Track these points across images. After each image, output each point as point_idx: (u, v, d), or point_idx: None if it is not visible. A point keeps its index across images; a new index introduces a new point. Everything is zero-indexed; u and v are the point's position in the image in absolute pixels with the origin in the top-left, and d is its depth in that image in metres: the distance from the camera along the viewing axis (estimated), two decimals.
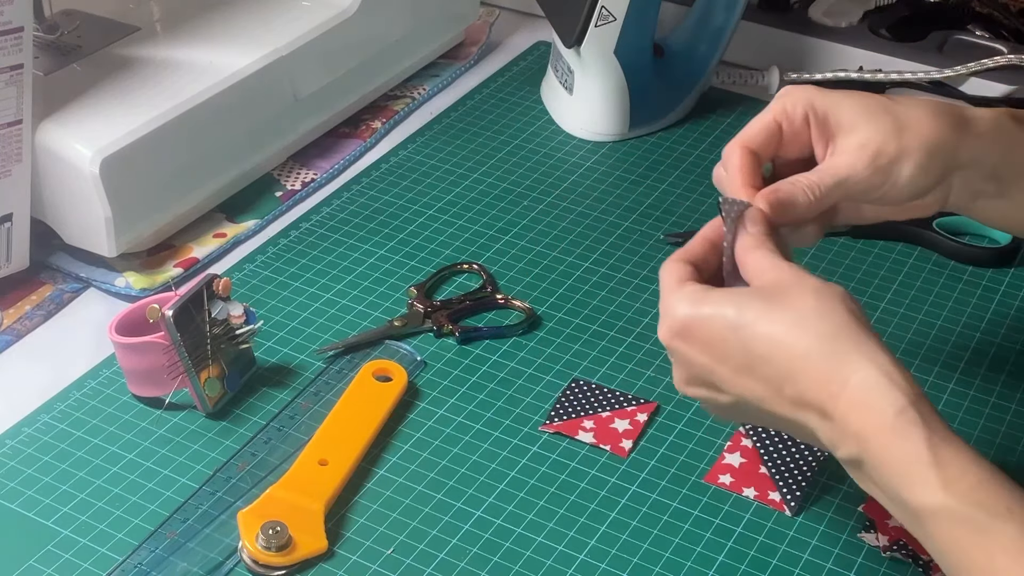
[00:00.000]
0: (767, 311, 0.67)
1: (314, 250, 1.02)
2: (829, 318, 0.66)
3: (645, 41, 1.13)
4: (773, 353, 0.66)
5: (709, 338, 0.68)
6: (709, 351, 0.68)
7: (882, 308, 0.96)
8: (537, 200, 1.08)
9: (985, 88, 1.16)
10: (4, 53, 0.89)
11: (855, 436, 0.64)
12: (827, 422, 0.65)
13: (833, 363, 0.65)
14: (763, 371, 0.67)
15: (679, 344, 0.70)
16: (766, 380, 0.67)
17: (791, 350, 0.66)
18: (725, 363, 0.68)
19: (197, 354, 0.84)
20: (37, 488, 0.81)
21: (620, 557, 0.77)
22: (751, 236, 0.71)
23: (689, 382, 0.71)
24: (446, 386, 0.89)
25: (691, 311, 0.69)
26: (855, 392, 0.64)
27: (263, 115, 1.07)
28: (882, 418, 0.63)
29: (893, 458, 0.63)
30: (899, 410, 0.63)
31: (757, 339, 0.67)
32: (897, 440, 0.63)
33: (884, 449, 0.63)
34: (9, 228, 0.95)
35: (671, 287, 0.71)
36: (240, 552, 0.77)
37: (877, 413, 0.63)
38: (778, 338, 0.66)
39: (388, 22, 1.18)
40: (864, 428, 0.64)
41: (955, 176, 0.75)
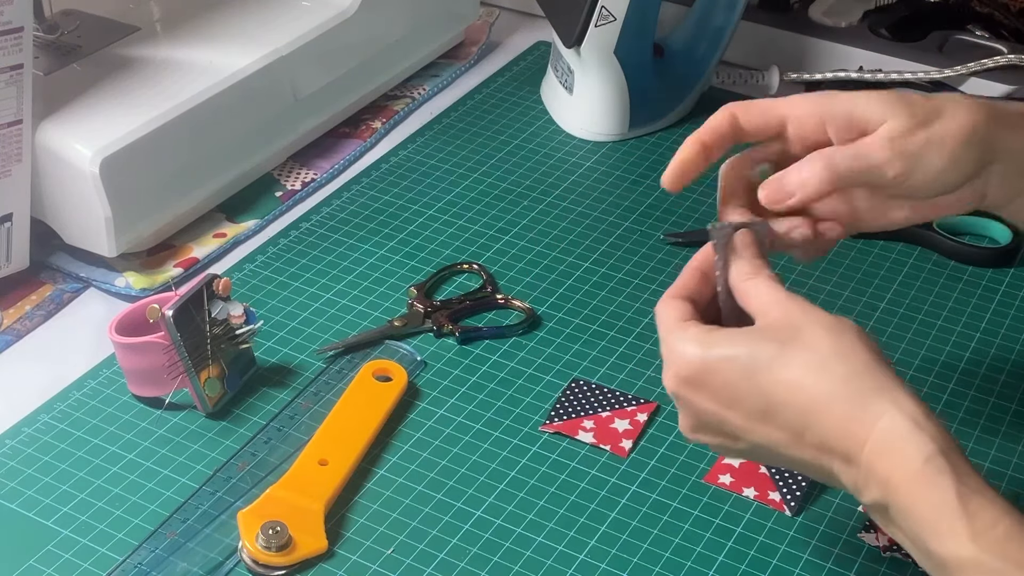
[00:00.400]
0: (782, 354, 0.65)
1: (314, 250, 1.02)
2: (849, 360, 0.64)
3: (645, 41, 1.13)
4: (793, 399, 0.64)
5: (721, 384, 0.66)
6: (721, 398, 0.66)
7: (882, 308, 0.96)
8: (537, 200, 1.08)
9: (985, 88, 1.16)
10: (4, 53, 0.89)
11: (881, 483, 0.62)
12: (851, 468, 0.63)
13: (857, 408, 0.63)
14: (782, 417, 0.65)
15: (688, 392, 0.67)
16: (786, 427, 0.65)
17: (812, 396, 0.64)
18: (740, 410, 0.66)
19: (197, 354, 0.84)
20: (37, 488, 0.81)
21: (620, 557, 0.77)
22: (745, 263, 0.69)
23: (698, 429, 0.69)
24: (446, 386, 0.89)
25: (699, 356, 0.66)
26: (881, 438, 0.62)
27: (263, 115, 1.07)
28: (910, 466, 0.61)
29: (921, 507, 0.61)
30: (927, 458, 0.61)
31: (774, 384, 0.64)
32: (925, 489, 0.61)
33: (911, 498, 0.61)
34: (9, 228, 0.95)
35: (672, 328, 0.68)
36: (240, 552, 0.77)
37: (904, 460, 0.61)
38: (797, 383, 0.64)
39: (388, 22, 1.18)
40: (891, 476, 0.62)
41: (992, 170, 0.72)
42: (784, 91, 1.20)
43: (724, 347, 0.66)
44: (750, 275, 0.69)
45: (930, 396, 0.88)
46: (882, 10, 1.25)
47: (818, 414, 0.64)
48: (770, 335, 0.66)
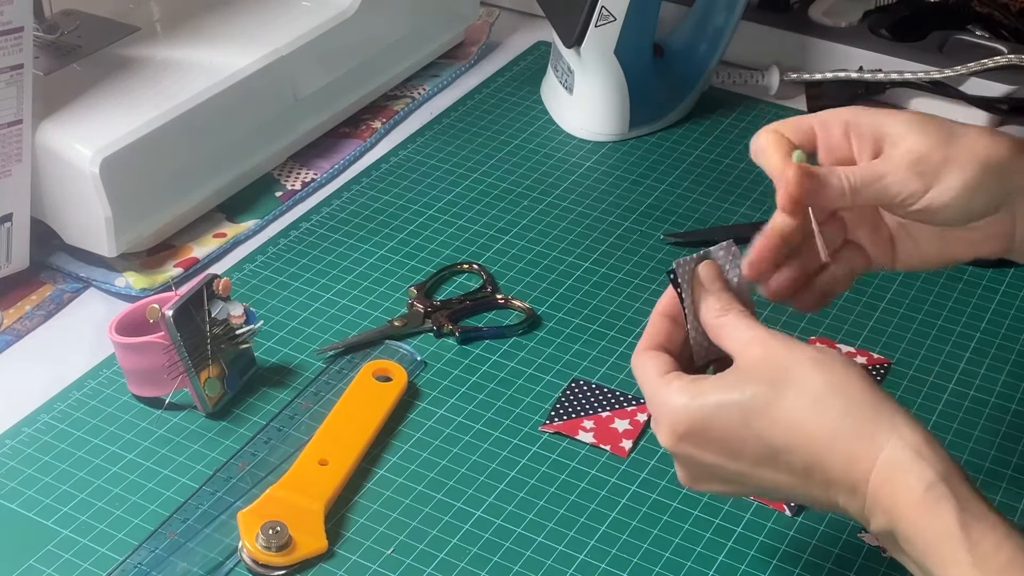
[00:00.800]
0: (776, 396, 0.64)
1: (314, 250, 1.02)
2: (844, 394, 0.64)
3: (645, 41, 1.13)
4: (795, 443, 0.64)
5: (720, 436, 0.65)
6: (721, 449, 0.65)
7: (882, 308, 0.96)
8: (537, 200, 1.08)
9: (985, 88, 1.16)
10: (4, 53, 0.89)
11: (886, 511, 0.62)
12: (857, 498, 0.63)
13: (858, 442, 0.63)
14: (786, 460, 0.64)
15: (686, 447, 0.66)
16: (791, 470, 0.64)
17: (813, 436, 0.63)
18: (742, 458, 0.65)
19: (197, 354, 0.84)
20: (37, 488, 0.81)
21: (620, 557, 0.77)
22: (714, 299, 0.69)
23: (700, 479, 0.68)
24: (446, 386, 0.89)
25: (692, 409, 0.65)
26: (883, 469, 0.62)
27: (263, 115, 1.07)
28: (911, 494, 0.61)
29: (924, 535, 0.61)
30: (928, 486, 0.61)
31: (773, 429, 0.64)
32: (927, 517, 0.61)
33: (914, 526, 0.61)
34: (9, 228, 0.95)
35: (655, 384, 0.67)
36: (240, 552, 0.77)
37: (906, 490, 0.61)
38: (796, 425, 0.64)
39: (388, 22, 1.18)
40: (894, 505, 0.62)
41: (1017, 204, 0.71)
42: (784, 91, 1.21)
43: (715, 396, 0.65)
44: (721, 312, 0.68)
45: (930, 396, 0.88)
46: (882, 10, 1.25)
47: (821, 454, 0.63)
48: (757, 377, 0.65)
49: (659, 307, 0.71)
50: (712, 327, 0.69)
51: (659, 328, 0.71)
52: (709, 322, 0.69)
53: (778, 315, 0.95)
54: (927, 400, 0.88)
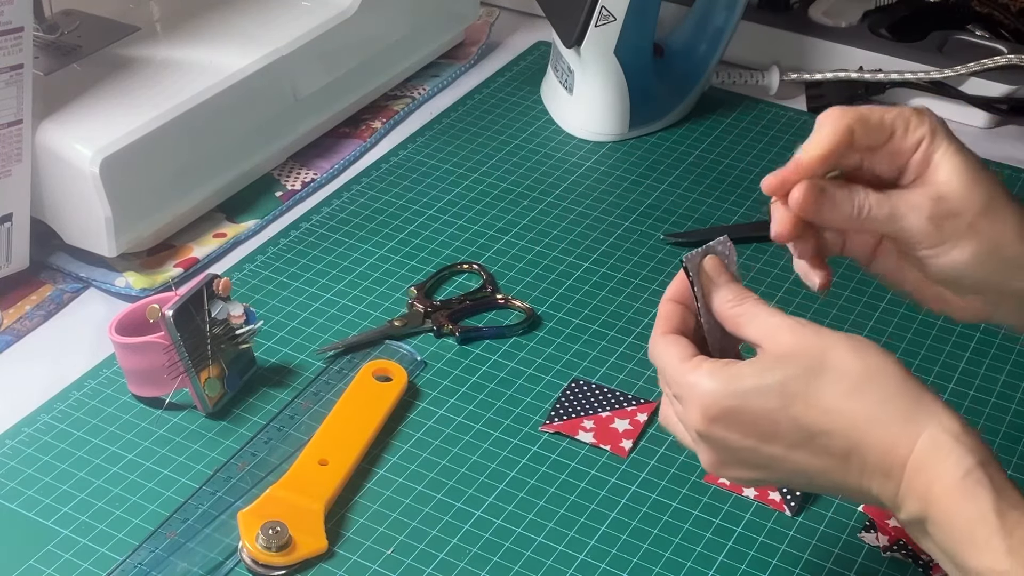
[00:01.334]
0: (815, 381, 0.64)
1: (314, 250, 1.02)
2: (881, 381, 0.64)
3: (645, 41, 1.13)
4: (835, 427, 0.63)
5: (754, 420, 0.64)
6: (755, 432, 0.65)
7: (882, 308, 0.96)
8: (537, 200, 1.08)
9: (985, 88, 1.16)
10: (4, 53, 0.89)
11: (920, 497, 0.62)
12: (890, 483, 0.63)
13: (897, 429, 0.62)
14: (824, 444, 0.64)
15: (719, 429, 0.65)
16: (828, 453, 0.64)
17: (851, 422, 0.63)
18: (776, 442, 0.64)
19: (197, 354, 0.84)
20: (37, 488, 0.81)
21: (620, 557, 0.77)
22: (726, 290, 0.68)
23: (727, 464, 0.67)
24: (446, 386, 0.89)
25: (727, 393, 0.65)
26: (921, 454, 0.62)
27: (263, 115, 1.07)
28: (948, 480, 0.61)
29: (958, 521, 0.61)
30: (967, 471, 0.61)
31: (810, 413, 0.63)
32: (963, 502, 0.61)
33: (949, 511, 0.61)
34: (9, 228, 0.95)
35: (682, 367, 0.66)
36: (240, 552, 0.77)
37: (943, 475, 0.61)
38: (835, 411, 0.63)
39: (388, 22, 1.18)
40: (930, 490, 0.61)
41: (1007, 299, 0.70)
42: (784, 91, 1.21)
43: (751, 380, 0.65)
44: (736, 301, 0.68)
45: None
46: (882, 10, 1.25)
47: (860, 438, 0.63)
48: (793, 362, 0.64)
49: (669, 294, 0.70)
50: (729, 317, 0.68)
51: (672, 313, 0.70)
52: (725, 313, 0.68)
53: None
54: None
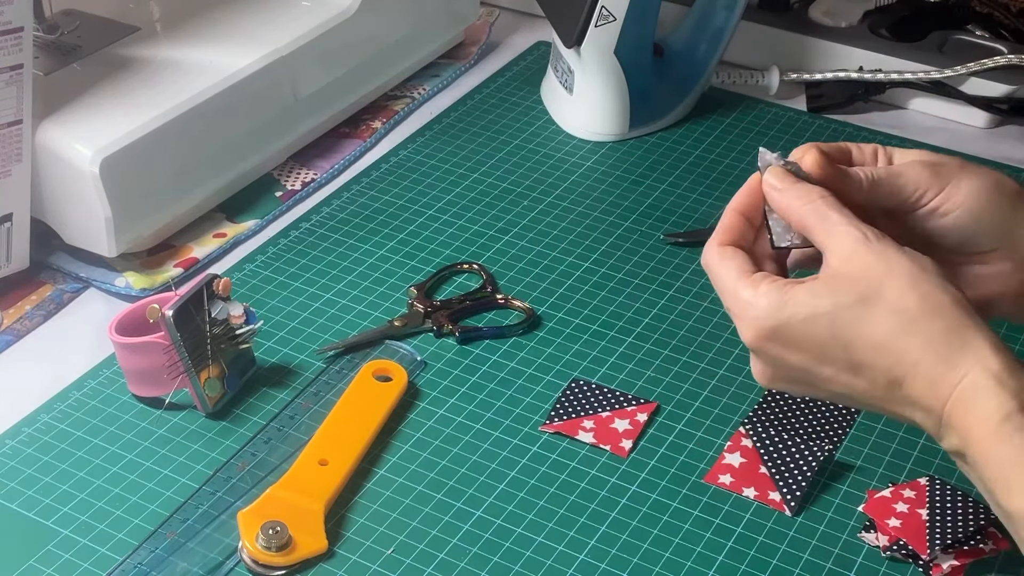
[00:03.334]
0: (866, 315, 0.65)
1: (314, 250, 1.02)
2: (934, 318, 0.64)
3: (645, 41, 1.13)
4: (881, 362, 0.65)
5: (807, 342, 0.66)
6: (807, 353, 0.66)
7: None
8: (537, 200, 1.08)
9: (985, 88, 1.16)
10: (4, 53, 0.89)
11: (961, 435, 0.64)
12: (932, 418, 0.65)
13: (943, 367, 0.64)
14: (870, 374, 0.65)
15: (771, 347, 0.67)
16: (873, 381, 0.65)
17: (900, 358, 0.64)
18: (826, 364, 0.66)
19: (197, 354, 0.84)
20: (37, 488, 0.81)
21: (620, 557, 0.77)
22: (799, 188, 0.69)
23: (778, 379, 0.69)
24: (446, 386, 0.89)
25: (782, 315, 0.66)
26: (962, 394, 0.63)
27: (263, 115, 1.07)
28: (988, 422, 0.62)
29: (994, 462, 0.62)
30: (1005, 415, 0.62)
31: (860, 344, 0.65)
32: (1001, 445, 0.62)
33: (986, 453, 0.62)
34: (9, 228, 0.95)
35: (740, 283, 0.68)
36: (240, 552, 0.77)
37: (983, 417, 0.62)
38: (884, 345, 0.64)
39: (388, 22, 1.18)
40: (969, 430, 0.63)
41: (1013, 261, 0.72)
42: (784, 91, 1.21)
43: (805, 306, 0.66)
44: (808, 200, 0.68)
45: None
46: (882, 10, 1.25)
47: (904, 374, 0.64)
48: (848, 289, 0.65)
49: (734, 203, 0.71)
50: (799, 216, 0.68)
51: (735, 224, 0.71)
52: (797, 210, 0.68)
53: None
54: None
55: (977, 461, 0.63)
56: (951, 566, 0.75)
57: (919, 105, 1.20)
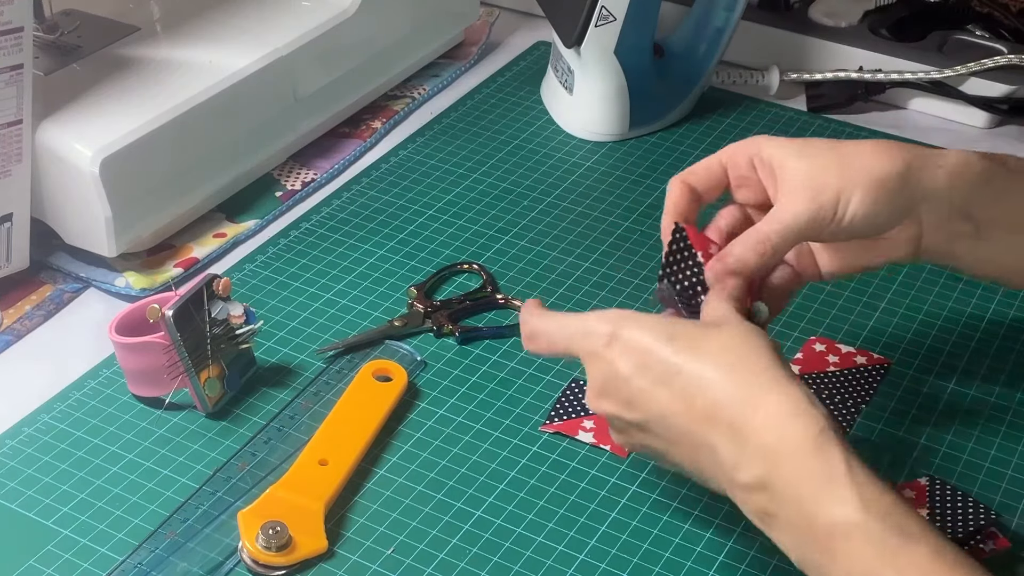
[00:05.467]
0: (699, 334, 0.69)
1: (314, 250, 1.02)
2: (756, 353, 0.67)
3: (645, 41, 1.13)
4: (693, 366, 0.67)
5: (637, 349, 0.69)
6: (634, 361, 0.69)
7: (882, 308, 0.96)
8: (537, 200, 1.08)
9: (985, 88, 1.16)
10: (4, 53, 0.89)
11: (767, 454, 0.64)
12: (735, 439, 0.65)
13: (753, 383, 0.66)
14: (678, 382, 0.68)
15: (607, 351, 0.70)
16: (681, 391, 0.67)
17: (714, 363, 0.67)
18: (645, 376, 0.69)
19: (197, 354, 0.84)
20: (37, 488, 0.81)
21: (620, 557, 0.77)
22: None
23: (602, 394, 0.71)
24: (446, 386, 0.89)
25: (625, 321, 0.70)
26: (774, 409, 0.65)
27: (263, 115, 1.07)
28: (803, 434, 0.64)
29: (810, 474, 0.63)
30: (820, 429, 0.64)
31: (679, 354, 0.68)
32: (816, 458, 0.63)
33: (801, 468, 0.64)
34: (9, 228, 0.95)
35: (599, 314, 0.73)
36: (240, 552, 0.77)
37: (797, 430, 0.64)
38: (702, 353, 0.68)
39: (388, 22, 1.18)
40: (781, 444, 0.64)
41: (921, 211, 0.75)
42: (784, 91, 1.21)
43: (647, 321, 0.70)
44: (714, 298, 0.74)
45: (930, 396, 0.88)
46: (882, 10, 1.25)
47: (713, 382, 0.66)
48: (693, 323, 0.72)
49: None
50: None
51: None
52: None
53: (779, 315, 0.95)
54: (927, 400, 0.88)
55: (788, 479, 0.64)
56: None
57: (919, 105, 1.20)
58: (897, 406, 0.88)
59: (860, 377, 0.89)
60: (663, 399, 0.68)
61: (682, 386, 0.67)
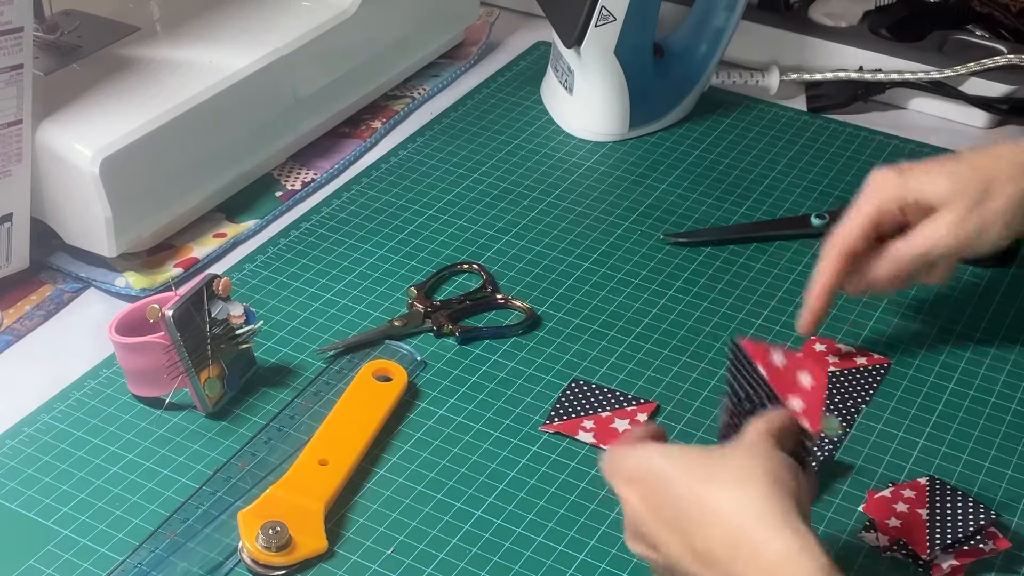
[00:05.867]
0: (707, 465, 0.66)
1: (314, 250, 1.02)
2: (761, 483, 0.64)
3: (645, 41, 1.13)
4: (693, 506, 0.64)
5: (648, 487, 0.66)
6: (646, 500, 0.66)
7: (881, 308, 0.96)
8: (537, 200, 1.08)
9: (985, 88, 1.16)
10: (4, 53, 0.89)
11: None
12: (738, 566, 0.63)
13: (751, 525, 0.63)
14: (682, 524, 0.65)
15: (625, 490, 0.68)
16: (683, 533, 0.65)
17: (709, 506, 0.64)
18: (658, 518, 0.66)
19: (197, 354, 0.84)
20: (37, 488, 0.81)
21: (620, 557, 0.77)
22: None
23: (633, 536, 0.69)
24: (446, 386, 0.89)
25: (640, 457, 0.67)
26: (769, 556, 0.62)
27: (263, 115, 1.07)
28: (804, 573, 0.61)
29: None
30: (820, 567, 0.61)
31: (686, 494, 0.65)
32: None
33: None
34: (9, 228, 0.95)
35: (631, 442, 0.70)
36: (240, 552, 0.77)
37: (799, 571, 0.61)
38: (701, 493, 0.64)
39: (388, 22, 1.18)
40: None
41: None
42: (784, 91, 1.21)
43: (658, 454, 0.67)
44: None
45: (930, 396, 0.88)
46: (882, 10, 1.25)
47: (711, 523, 0.64)
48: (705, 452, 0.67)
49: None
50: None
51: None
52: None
53: (779, 316, 0.95)
54: (927, 400, 0.88)
55: None
56: (951, 566, 0.75)
57: (919, 105, 1.20)
58: (897, 406, 0.88)
59: (860, 377, 0.89)
60: (677, 544, 0.65)
61: (691, 530, 0.64)
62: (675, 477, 0.65)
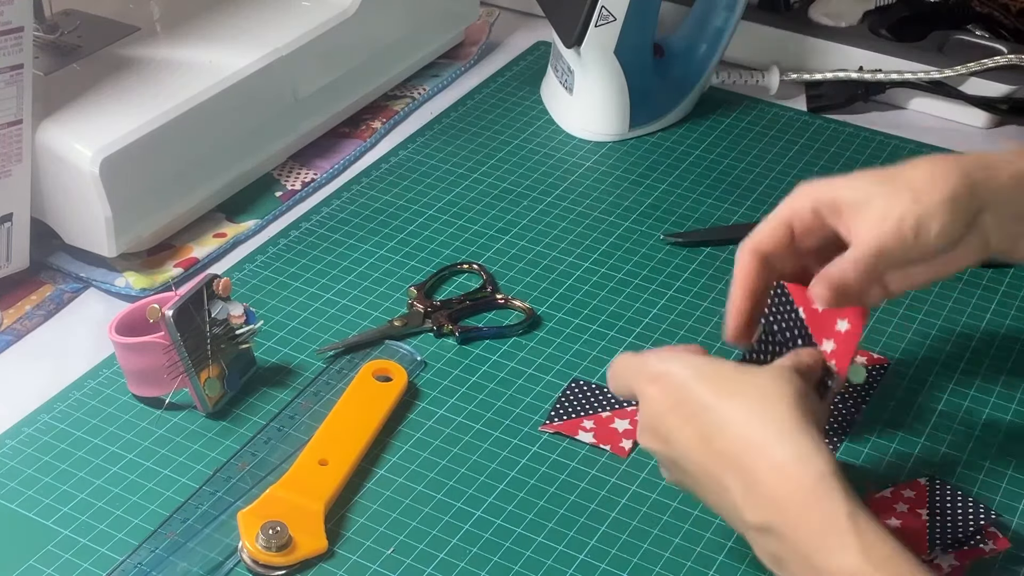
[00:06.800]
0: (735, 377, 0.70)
1: (314, 250, 1.02)
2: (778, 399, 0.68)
3: (645, 41, 1.13)
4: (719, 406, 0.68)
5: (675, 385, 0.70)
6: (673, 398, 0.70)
7: (882, 308, 0.96)
8: (537, 200, 1.08)
9: (985, 88, 1.16)
10: (4, 53, 0.89)
11: (772, 501, 0.65)
12: (745, 483, 0.66)
13: (767, 429, 0.67)
14: (704, 420, 0.69)
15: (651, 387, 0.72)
16: (705, 430, 0.68)
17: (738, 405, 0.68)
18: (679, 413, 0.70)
19: (197, 354, 0.84)
20: (37, 488, 0.81)
21: (620, 557, 0.77)
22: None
23: (645, 429, 0.72)
24: (446, 386, 0.89)
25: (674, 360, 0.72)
26: (779, 457, 0.66)
27: (263, 115, 1.07)
28: (803, 481, 0.65)
29: (812, 521, 0.64)
30: (820, 475, 0.64)
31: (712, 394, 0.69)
32: (818, 504, 0.64)
33: (803, 512, 0.64)
34: (9, 228, 0.95)
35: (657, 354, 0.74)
36: (240, 552, 0.77)
37: (799, 476, 0.65)
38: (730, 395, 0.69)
39: (388, 22, 1.18)
40: (784, 491, 0.65)
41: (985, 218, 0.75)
42: (784, 91, 1.21)
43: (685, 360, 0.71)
44: None
45: (930, 396, 0.88)
46: (882, 10, 1.25)
47: (731, 423, 0.68)
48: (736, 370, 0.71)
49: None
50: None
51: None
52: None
53: None
54: (927, 400, 0.88)
55: (790, 525, 0.65)
56: (951, 566, 0.75)
57: (919, 105, 1.20)
58: (897, 406, 0.88)
59: None
60: (690, 436, 0.69)
61: (707, 425, 0.69)
62: (701, 387, 0.69)
